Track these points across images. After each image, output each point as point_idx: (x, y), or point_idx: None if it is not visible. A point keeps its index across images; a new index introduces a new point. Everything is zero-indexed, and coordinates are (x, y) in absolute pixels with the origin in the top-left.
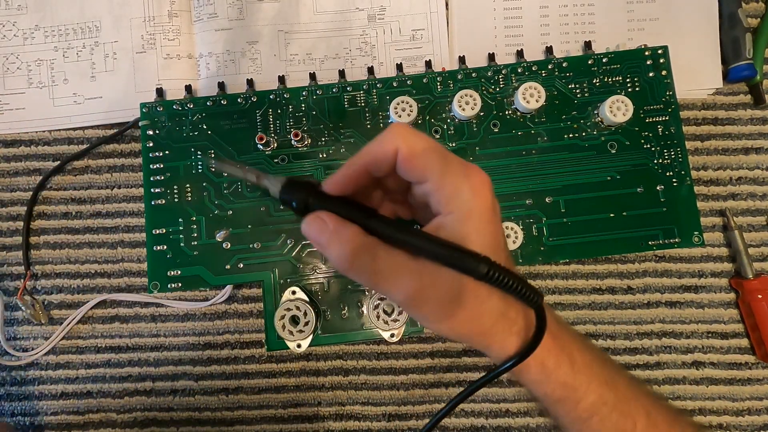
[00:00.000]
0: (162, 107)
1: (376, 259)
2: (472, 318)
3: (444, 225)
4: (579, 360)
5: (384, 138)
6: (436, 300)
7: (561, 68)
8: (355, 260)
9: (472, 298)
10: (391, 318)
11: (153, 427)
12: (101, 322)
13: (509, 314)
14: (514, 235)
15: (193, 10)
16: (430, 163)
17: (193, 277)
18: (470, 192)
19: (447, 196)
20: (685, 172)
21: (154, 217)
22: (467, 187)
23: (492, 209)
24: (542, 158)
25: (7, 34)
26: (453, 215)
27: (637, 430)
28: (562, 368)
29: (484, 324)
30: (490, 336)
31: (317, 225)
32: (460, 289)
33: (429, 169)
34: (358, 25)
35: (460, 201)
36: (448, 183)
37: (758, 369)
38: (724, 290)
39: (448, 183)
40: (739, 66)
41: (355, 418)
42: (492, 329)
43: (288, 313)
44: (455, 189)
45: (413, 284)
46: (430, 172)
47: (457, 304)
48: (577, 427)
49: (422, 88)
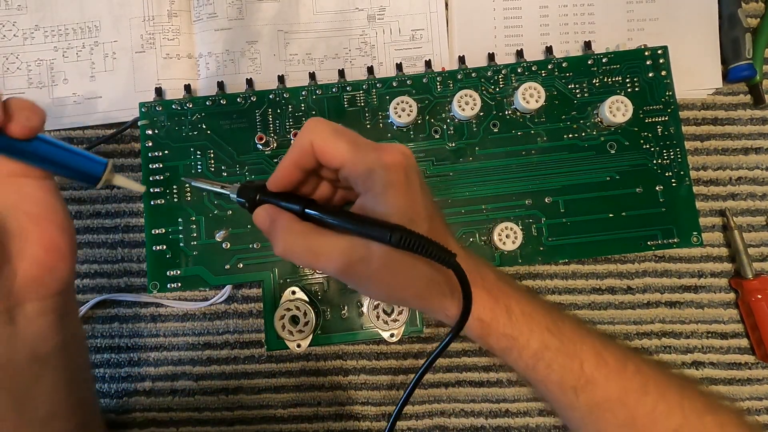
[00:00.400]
0: (161, 107)
1: (309, 240)
2: (405, 285)
3: (365, 203)
4: (517, 311)
5: (300, 134)
6: (368, 271)
7: (561, 68)
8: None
9: (400, 266)
10: (390, 318)
11: (152, 427)
12: (101, 322)
13: (437, 278)
14: (514, 235)
15: (192, 9)
16: (340, 150)
17: (193, 277)
18: (382, 170)
19: (362, 176)
20: (684, 173)
21: (154, 217)
22: (378, 166)
23: (405, 182)
24: (542, 158)
25: (7, 34)
26: (370, 193)
27: (585, 369)
28: (500, 320)
29: (418, 288)
30: (426, 299)
31: (260, 216)
32: (389, 259)
33: (340, 155)
34: (358, 25)
35: (373, 179)
36: (360, 164)
37: (758, 369)
38: (723, 290)
39: (359, 165)
40: (739, 66)
41: (355, 418)
42: (426, 293)
43: (288, 313)
44: (367, 169)
45: (342, 259)
46: (342, 157)
47: (388, 272)
48: (528, 375)
49: (422, 88)
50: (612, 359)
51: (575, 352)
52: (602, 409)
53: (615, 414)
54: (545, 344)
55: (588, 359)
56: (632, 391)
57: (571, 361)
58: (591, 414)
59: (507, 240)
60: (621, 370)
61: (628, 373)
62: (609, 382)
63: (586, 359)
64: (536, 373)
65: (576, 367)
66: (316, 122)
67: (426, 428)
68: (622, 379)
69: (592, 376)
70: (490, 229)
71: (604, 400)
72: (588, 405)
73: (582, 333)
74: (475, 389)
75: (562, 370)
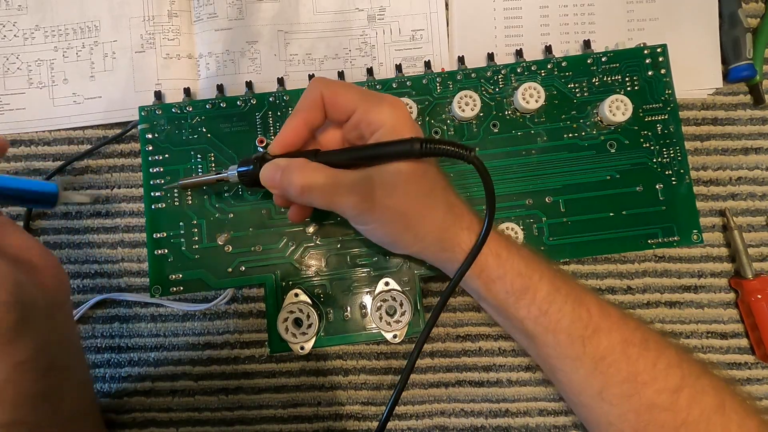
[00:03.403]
0: (161, 110)
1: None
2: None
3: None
4: (525, 252)
5: (308, 91)
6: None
7: (560, 68)
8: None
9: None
10: (393, 319)
11: (152, 427)
12: (101, 322)
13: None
14: (515, 235)
15: (192, 9)
16: (351, 97)
17: (195, 281)
18: (390, 108)
19: (374, 115)
20: (684, 171)
21: (155, 221)
22: (386, 106)
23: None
24: (542, 158)
25: (7, 35)
26: (383, 128)
27: (592, 317)
28: (515, 257)
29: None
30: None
31: (270, 168)
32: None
33: (352, 101)
34: (358, 26)
35: (384, 116)
36: (372, 107)
37: (758, 369)
38: (723, 290)
39: (371, 107)
40: (739, 66)
41: (355, 418)
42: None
43: (291, 316)
44: (378, 109)
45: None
46: (354, 103)
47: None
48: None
49: (421, 89)
50: (614, 312)
51: (582, 300)
52: (606, 363)
53: (618, 368)
54: (555, 286)
55: (593, 308)
56: (634, 345)
57: (580, 306)
58: (595, 369)
59: None
60: (623, 324)
61: (630, 327)
62: (613, 332)
63: (592, 308)
64: (548, 318)
65: (584, 314)
66: (321, 78)
67: (426, 428)
68: (624, 330)
69: (598, 324)
70: None
71: (608, 352)
72: (593, 358)
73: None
74: (475, 389)
75: (572, 315)
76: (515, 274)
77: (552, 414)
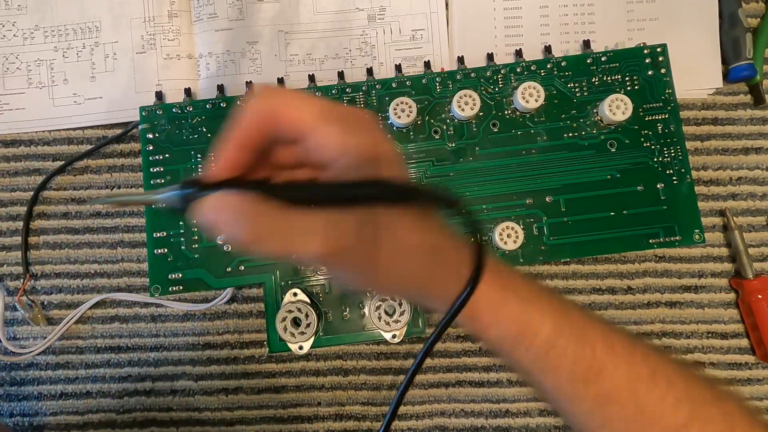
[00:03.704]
0: (161, 110)
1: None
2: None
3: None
4: (525, 292)
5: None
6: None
7: (560, 67)
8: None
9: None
10: (392, 319)
11: (153, 427)
12: (101, 322)
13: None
14: (515, 234)
15: (193, 10)
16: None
17: (195, 280)
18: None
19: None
20: (685, 170)
21: (155, 221)
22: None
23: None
24: (542, 158)
25: (7, 34)
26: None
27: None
28: (511, 302)
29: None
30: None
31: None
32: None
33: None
34: (358, 26)
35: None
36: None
37: (758, 369)
38: (724, 290)
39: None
40: (739, 66)
41: (355, 418)
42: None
43: (290, 315)
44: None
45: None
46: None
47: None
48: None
49: (421, 88)
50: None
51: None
52: (611, 401)
53: (623, 406)
54: (558, 328)
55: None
56: (641, 381)
57: (583, 346)
58: (598, 407)
59: (508, 240)
60: (630, 357)
61: (637, 360)
62: (618, 369)
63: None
64: (548, 362)
65: (588, 353)
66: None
67: (426, 428)
68: (631, 365)
69: (603, 362)
70: (491, 228)
71: (613, 392)
72: (596, 397)
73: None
74: (475, 389)
75: (574, 356)
76: (510, 321)
77: (552, 414)
